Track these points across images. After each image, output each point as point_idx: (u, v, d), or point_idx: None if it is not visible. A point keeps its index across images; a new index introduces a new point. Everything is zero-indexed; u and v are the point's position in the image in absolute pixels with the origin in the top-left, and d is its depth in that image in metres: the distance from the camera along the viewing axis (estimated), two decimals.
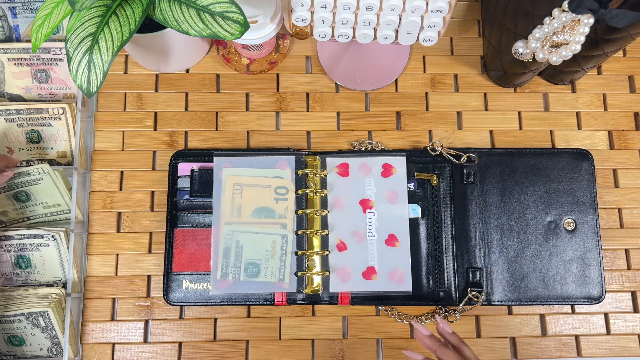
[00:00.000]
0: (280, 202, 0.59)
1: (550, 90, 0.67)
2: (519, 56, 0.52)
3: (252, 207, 0.59)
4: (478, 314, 0.61)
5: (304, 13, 0.53)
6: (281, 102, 0.66)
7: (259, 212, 0.59)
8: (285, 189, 0.59)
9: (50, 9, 0.51)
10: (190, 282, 0.59)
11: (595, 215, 0.61)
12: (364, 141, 0.64)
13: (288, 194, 0.59)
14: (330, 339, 0.60)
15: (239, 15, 0.47)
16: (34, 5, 0.64)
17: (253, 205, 0.59)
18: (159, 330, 0.60)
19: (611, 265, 0.63)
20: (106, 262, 0.61)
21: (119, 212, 0.62)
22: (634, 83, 0.68)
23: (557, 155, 0.63)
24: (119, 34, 0.48)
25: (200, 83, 0.66)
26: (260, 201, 0.59)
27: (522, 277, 0.60)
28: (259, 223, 0.59)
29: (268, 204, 0.59)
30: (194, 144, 0.64)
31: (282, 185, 0.59)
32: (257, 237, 0.58)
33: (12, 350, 0.57)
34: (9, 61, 0.62)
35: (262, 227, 0.59)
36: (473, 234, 0.61)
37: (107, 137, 0.64)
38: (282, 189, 0.59)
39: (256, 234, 0.58)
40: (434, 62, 0.68)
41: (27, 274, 0.59)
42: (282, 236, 0.58)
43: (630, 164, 0.65)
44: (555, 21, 0.47)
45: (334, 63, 0.66)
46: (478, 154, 0.63)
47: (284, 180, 0.60)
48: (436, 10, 0.51)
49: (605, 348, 0.61)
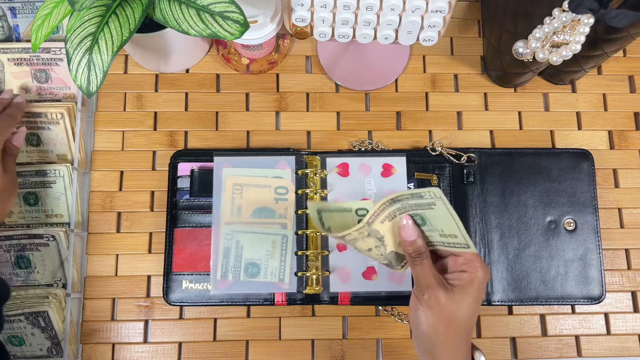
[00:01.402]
0: (280, 202, 0.59)
1: (550, 90, 0.67)
2: (519, 56, 0.52)
3: (252, 207, 0.59)
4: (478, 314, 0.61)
5: (304, 13, 0.53)
6: (281, 102, 0.66)
7: (259, 212, 0.59)
8: (285, 188, 0.59)
9: (50, 9, 0.51)
10: (190, 282, 0.58)
11: (596, 215, 0.61)
12: (364, 141, 0.64)
13: (288, 194, 0.59)
14: (330, 339, 0.60)
15: (239, 15, 0.47)
16: (33, 5, 0.64)
17: (253, 205, 0.59)
18: (158, 330, 0.60)
19: (611, 265, 0.63)
20: (106, 262, 0.61)
21: (118, 212, 0.62)
22: (634, 83, 0.67)
23: (557, 155, 0.63)
24: (118, 33, 0.48)
25: (200, 83, 0.66)
26: (260, 201, 0.59)
27: (522, 277, 0.60)
28: (259, 223, 0.59)
29: (268, 204, 0.59)
30: (194, 144, 0.64)
31: (282, 185, 0.59)
32: (257, 237, 0.58)
33: (12, 350, 0.57)
34: (8, 61, 0.62)
35: (262, 227, 0.59)
36: (473, 234, 0.61)
37: (107, 137, 0.64)
38: (282, 188, 0.59)
39: (256, 234, 0.58)
40: (434, 62, 0.68)
41: (27, 274, 0.59)
42: (282, 236, 0.58)
43: (630, 164, 0.65)
44: (555, 21, 0.47)
45: (334, 63, 0.66)
46: (478, 154, 0.63)
47: (284, 180, 0.60)
48: (436, 10, 0.51)
49: (606, 348, 0.61)
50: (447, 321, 0.42)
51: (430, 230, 0.43)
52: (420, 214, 0.42)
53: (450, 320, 0.42)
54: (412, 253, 0.43)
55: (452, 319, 0.42)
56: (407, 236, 0.43)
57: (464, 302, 0.42)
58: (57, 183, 0.60)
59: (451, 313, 0.42)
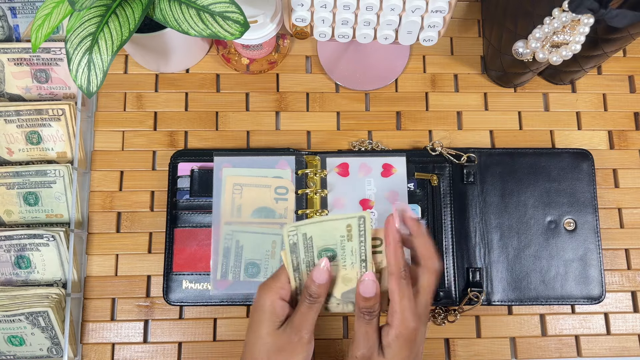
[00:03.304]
0: (280, 202, 0.59)
1: (550, 90, 0.67)
2: (519, 56, 0.52)
3: (252, 207, 0.59)
4: (478, 314, 0.61)
5: (304, 13, 0.53)
6: (281, 102, 0.66)
7: (259, 212, 0.59)
8: (285, 189, 0.59)
9: (50, 9, 0.51)
10: (190, 282, 0.58)
11: (595, 215, 0.61)
12: (364, 141, 0.64)
13: (288, 194, 0.59)
14: (330, 339, 0.60)
15: (239, 15, 0.47)
16: (34, 5, 0.64)
17: (253, 205, 0.59)
18: (158, 330, 0.60)
19: (611, 265, 0.63)
20: (106, 262, 0.61)
21: (118, 212, 0.62)
22: (634, 83, 0.67)
23: (557, 155, 0.63)
24: (118, 33, 0.48)
25: (200, 83, 0.66)
26: (260, 201, 0.59)
27: (522, 277, 0.60)
28: (259, 223, 0.59)
29: (268, 204, 0.59)
30: (194, 144, 0.64)
31: (282, 185, 0.59)
32: (257, 237, 0.58)
33: (12, 350, 0.57)
34: (8, 61, 0.62)
35: (262, 227, 0.59)
36: (473, 234, 0.61)
37: (107, 137, 0.64)
38: (282, 188, 0.59)
39: (256, 234, 0.58)
40: (434, 62, 0.68)
41: (27, 274, 0.59)
42: (282, 236, 0.58)
43: (630, 164, 0.65)
44: (555, 21, 0.47)
45: (334, 63, 0.66)
46: (478, 154, 0.63)
47: (284, 180, 0.60)
48: (436, 10, 0.51)
49: (605, 348, 0.61)
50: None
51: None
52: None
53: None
54: (364, 309, 0.41)
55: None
56: (365, 292, 0.41)
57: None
58: (57, 183, 0.60)
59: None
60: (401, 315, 0.41)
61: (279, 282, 0.43)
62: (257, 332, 0.42)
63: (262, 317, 0.42)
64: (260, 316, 0.42)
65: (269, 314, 0.42)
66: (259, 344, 0.42)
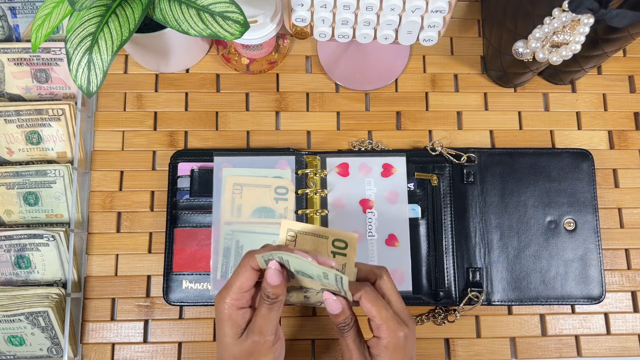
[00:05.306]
0: (280, 202, 0.59)
1: (550, 90, 0.67)
2: (519, 56, 0.52)
3: (252, 207, 0.59)
4: (478, 314, 0.61)
5: (304, 13, 0.53)
6: (281, 102, 0.66)
7: (259, 212, 0.59)
8: (285, 189, 0.59)
9: (50, 9, 0.51)
10: (190, 282, 0.59)
11: (595, 215, 0.61)
12: (364, 141, 0.64)
13: (288, 194, 0.59)
14: (330, 339, 0.60)
15: (239, 15, 0.47)
16: (34, 5, 0.64)
17: (253, 205, 0.59)
18: (158, 330, 0.60)
19: (611, 265, 0.63)
20: (106, 262, 0.61)
21: (118, 212, 0.62)
22: (634, 83, 0.68)
23: (557, 155, 0.63)
24: (118, 33, 0.48)
25: (200, 83, 0.66)
26: (260, 201, 0.59)
27: (522, 277, 0.60)
28: (259, 223, 0.59)
29: (268, 204, 0.59)
30: (194, 144, 0.64)
31: (282, 185, 0.59)
32: (257, 237, 0.58)
33: (12, 350, 0.57)
34: (8, 61, 0.62)
35: (262, 227, 0.59)
36: (473, 234, 0.61)
37: (107, 137, 0.64)
38: (282, 188, 0.59)
39: (256, 234, 0.58)
40: (434, 62, 0.68)
41: (27, 274, 0.59)
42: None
43: (630, 164, 0.65)
44: (555, 21, 0.47)
45: (334, 63, 0.66)
46: (478, 154, 0.63)
47: (284, 180, 0.60)
48: (436, 10, 0.51)
49: (605, 348, 0.61)
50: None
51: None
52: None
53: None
54: (338, 325, 0.42)
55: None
56: (332, 310, 0.42)
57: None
58: (57, 183, 0.60)
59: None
60: (386, 326, 0.41)
61: (232, 292, 0.42)
62: (223, 341, 0.43)
63: (224, 327, 0.43)
64: (222, 326, 0.43)
65: (229, 323, 0.42)
66: (227, 353, 0.43)
